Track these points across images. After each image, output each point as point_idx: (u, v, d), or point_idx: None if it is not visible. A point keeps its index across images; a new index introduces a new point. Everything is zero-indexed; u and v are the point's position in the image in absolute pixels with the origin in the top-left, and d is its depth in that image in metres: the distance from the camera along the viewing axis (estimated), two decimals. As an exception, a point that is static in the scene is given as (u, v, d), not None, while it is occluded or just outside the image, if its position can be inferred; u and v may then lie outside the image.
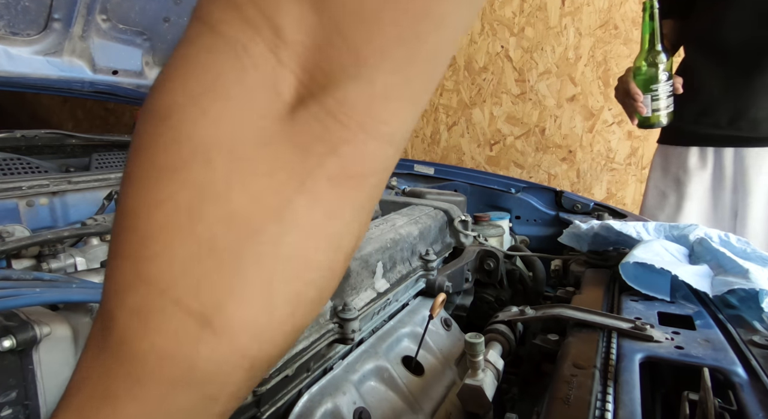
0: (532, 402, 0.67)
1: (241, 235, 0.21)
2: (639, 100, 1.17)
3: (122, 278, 0.22)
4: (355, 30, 0.20)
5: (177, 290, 0.21)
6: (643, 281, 0.72)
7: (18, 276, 0.53)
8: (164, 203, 0.21)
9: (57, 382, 0.55)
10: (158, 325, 0.21)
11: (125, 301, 0.21)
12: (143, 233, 0.21)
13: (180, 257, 0.21)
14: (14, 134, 1.20)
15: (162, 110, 0.21)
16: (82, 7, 1.09)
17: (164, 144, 0.21)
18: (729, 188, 1.23)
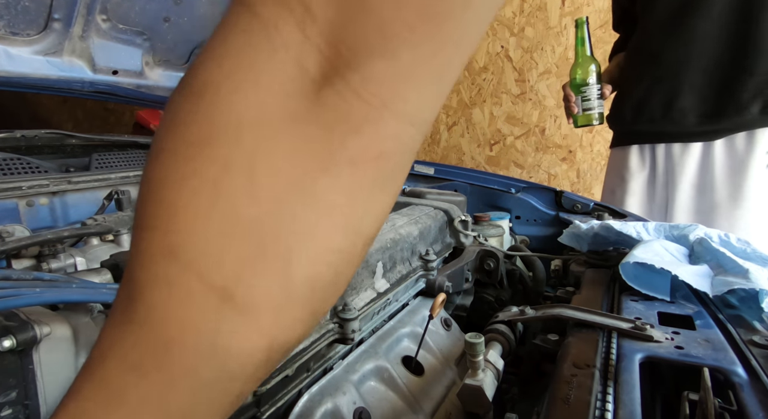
0: (532, 402, 0.67)
1: (262, 210, 0.21)
2: (572, 100, 1.41)
3: (149, 249, 0.22)
4: (382, 5, 0.20)
5: (200, 264, 0.21)
6: (643, 281, 0.72)
7: (18, 276, 0.53)
8: (192, 176, 0.21)
9: (57, 382, 0.55)
10: (183, 297, 0.21)
11: (152, 271, 0.22)
12: (170, 206, 0.22)
13: (204, 230, 0.21)
14: (14, 134, 1.20)
15: (197, 87, 0.22)
16: (82, 7, 1.09)
17: (197, 119, 0.22)
18: (661, 183, 1.42)
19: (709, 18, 1.22)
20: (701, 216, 1.35)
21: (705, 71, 1.26)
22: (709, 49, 1.25)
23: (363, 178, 0.23)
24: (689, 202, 1.37)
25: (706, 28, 1.23)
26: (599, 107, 1.40)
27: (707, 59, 1.25)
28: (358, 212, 0.23)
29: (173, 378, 0.22)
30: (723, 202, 1.30)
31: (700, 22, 1.24)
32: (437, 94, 0.23)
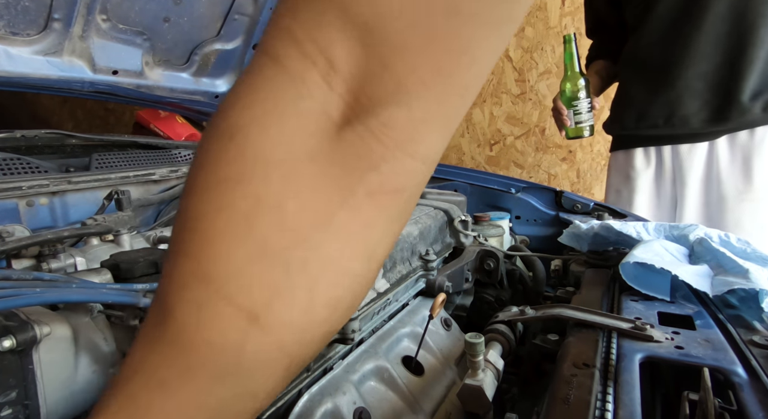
0: (532, 402, 0.67)
1: (290, 241, 0.24)
2: (564, 114, 1.45)
3: (182, 275, 0.24)
4: (399, 63, 0.23)
5: (231, 289, 0.23)
6: (643, 281, 0.72)
7: (18, 276, 0.53)
8: (225, 209, 0.24)
9: (57, 382, 0.55)
10: (212, 319, 0.23)
11: (184, 294, 0.24)
12: (204, 236, 0.24)
13: (236, 259, 0.24)
14: (14, 134, 1.20)
15: (228, 129, 0.25)
16: (82, 7, 1.09)
17: (228, 159, 0.24)
18: (669, 180, 1.44)
19: (706, 26, 1.24)
20: (710, 210, 1.38)
21: (704, 77, 1.28)
22: (706, 56, 1.26)
23: (380, 210, 0.26)
24: (698, 197, 1.39)
25: (702, 36, 1.25)
26: (590, 120, 1.46)
27: (705, 65, 1.27)
28: (375, 239, 0.26)
29: (198, 395, 0.24)
30: (730, 195, 1.33)
31: (696, 30, 1.26)
32: (445, 136, 0.26)
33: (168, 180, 1.26)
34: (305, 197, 0.24)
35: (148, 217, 1.21)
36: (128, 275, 0.67)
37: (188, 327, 0.24)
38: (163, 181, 1.25)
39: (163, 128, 2.55)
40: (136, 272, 0.67)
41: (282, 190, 0.24)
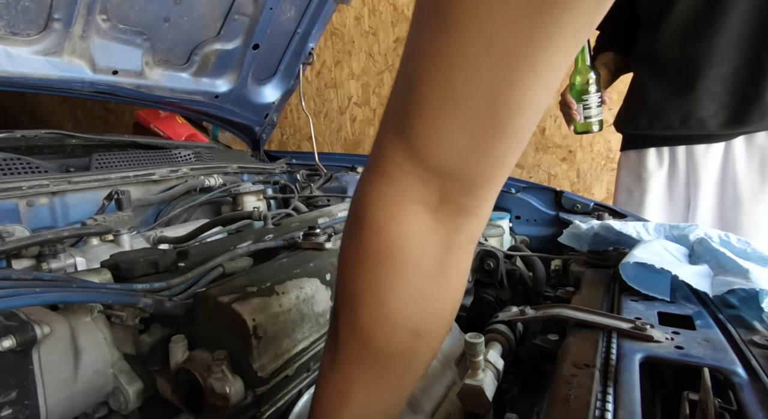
0: (532, 402, 0.67)
1: (427, 287, 0.41)
2: (573, 108, 1.41)
3: (365, 314, 0.41)
4: (484, 172, 0.38)
5: (401, 320, 0.40)
6: (643, 281, 0.72)
7: (18, 276, 0.53)
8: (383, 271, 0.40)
9: (57, 382, 0.55)
10: (392, 338, 0.41)
11: (372, 327, 0.41)
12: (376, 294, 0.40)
13: (400, 303, 0.40)
14: (14, 134, 1.20)
15: (364, 223, 0.40)
16: (82, 7, 1.09)
17: (363, 247, 0.40)
18: (682, 181, 1.42)
19: (728, 27, 1.21)
20: (724, 211, 1.35)
21: (724, 79, 1.24)
22: (727, 57, 1.23)
23: (468, 253, 0.43)
24: (712, 198, 1.37)
25: (724, 37, 1.22)
26: (599, 115, 1.42)
27: (726, 66, 1.23)
28: (465, 271, 0.43)
29: (386, 387, 0.44)
30: (746, 196, 1.31)
31: (718, 31, 1.22)
32: (495, 197, 0.41)
33: (168, 180, 1.26)
34: (424, 259, 0.40)
35: (148, 217, 1.21)
36: (128, 275, 0.67)
37: (377, 344, 0.41)
38: (163, 181, 1.25)
39: (163, 128, 2.55)
40: (136, 272, 0.67)
41: (403, 264, 0.40)
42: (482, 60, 0.31)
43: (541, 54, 0.31)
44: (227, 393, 0.55)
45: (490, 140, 0.35)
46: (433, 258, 0.40)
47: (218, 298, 0.59)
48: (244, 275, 0.70)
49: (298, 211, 1.28)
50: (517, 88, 0.32)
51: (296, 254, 0.81)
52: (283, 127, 3.25)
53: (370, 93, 2.94)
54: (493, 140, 0.35)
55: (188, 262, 0.73)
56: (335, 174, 1.72)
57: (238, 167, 1.52)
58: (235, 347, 0.57)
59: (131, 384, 0.62)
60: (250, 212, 1.05)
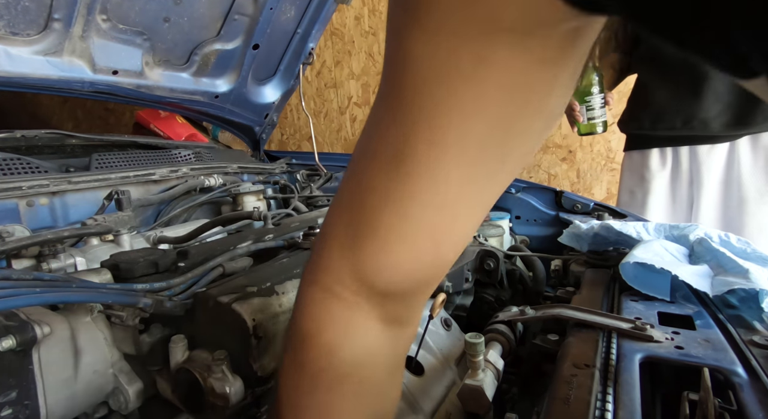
0: (532, 402, 0.67)
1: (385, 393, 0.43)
2: (576, 110, 1.42)
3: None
4: (420, 296, 0.42)
5: None
6: (643, 281, 0.72)
7: (18, 276, 0.53)
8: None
9: (57, 382, 0.55)
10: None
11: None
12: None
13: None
14: (14, 134, 1.20)
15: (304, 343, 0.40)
16: (82, 7, 1.09)
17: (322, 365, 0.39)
18: (686, 181, 1.43)
19: None
20: (729, 212, 1.35)
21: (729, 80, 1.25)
22: None
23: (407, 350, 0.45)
24: (716, 200, 1.37)
25: None
26: (603, 116, 1.41)
27: None
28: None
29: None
30: (751, 197, 1.30)
31: None
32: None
33: (168, 180, 1.26)
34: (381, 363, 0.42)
35: (148, 217, 1.21)
36: (128, 275, 0.67)
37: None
38: (163, 181, 1.25)
39: (163, 128, 2.55)
40: (136, 272, 0.67)
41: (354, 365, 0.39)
42: (431, 202, 0.34)
43: (485, 197, 0.37)
44: (227, 393, 0.55)
45: (436, 267, 0.39)
46: (386, 370, 0.41)
47: (218, 298, 0.59)
48: (244, 275, 0.70)
49: (298, 211, 1.28)
50: (459, 226, 0.37)
51: (296, 254, 0.81)
52: (283, 127, 3.25)
53: (370, 93, 2.94)
54: (440, 268, 0.39)
55: (188, 262, 0.73)
56: (335, 174, 1.72)
57: (238, 167, 1.51)
58: (235, 347, 0.57)
59: (131, 384, 0.62)
60: (250, 212, 1.05)
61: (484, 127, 0.32)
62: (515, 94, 0.31)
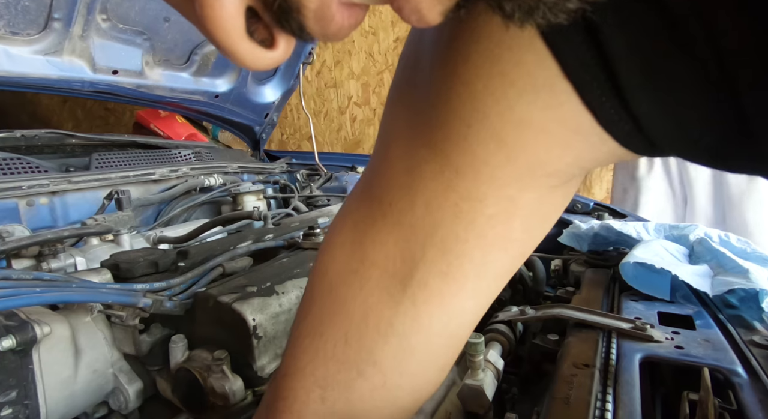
0: (532, 402, 0.67)
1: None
2: None
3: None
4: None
5: None
6: (643, 281, 0.72)
7: (18, 276, 0.53)
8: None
9: (57, 382, 0.55)
10: None
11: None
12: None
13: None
14: (14, 134, 1.20)
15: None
16: (82, 7, 1.09)
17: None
18: (677, 179, 1.49)
19: None
20: (717, 210, 1.41)
21: None
22: None
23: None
24: (706, 197, 1.43)
25: None
26: None
27: None
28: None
29: None
30: (734, 195, 1.35)
31: None
32: None
33: (168, 180, 1.26)
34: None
35: (148, 217, 1.21)
36: (128, 275, 0.67)
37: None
38: (163, 181, 1.25)
39: (163, 128, 2.55)
40: (136, 272, 0.67)
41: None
42: (441, 333, 0.34)
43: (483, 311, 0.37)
44: (227, 393, 0.55)
45: (427, 397, 0.38)
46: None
47: (218, 298, 0.59)
48: (244, 275, 0.70)
49: (298, 211, 1.28)
50: (460, 345, 0.37)
51: (296, 254, 0.81)
52: (283, 127, 3.25)
53: (370, 93, 2.93)
54: (428, 396, 0.39)
55: (188, 262, 0.73)
56: (335, 174, 1.72)
57: (238, 166, 1.51)
58: (235, 347, 0.57)
59: (131, 383, 0.62)
60: (250, 212, 1.05)
61: (504, 260, 0.31)
62: (538, 230, 0.31)
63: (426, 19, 0.18)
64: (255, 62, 0.18)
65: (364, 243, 0.33)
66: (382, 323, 0.32)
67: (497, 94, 0.25)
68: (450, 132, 0.28)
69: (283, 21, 0.17)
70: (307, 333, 0.34)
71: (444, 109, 0.28)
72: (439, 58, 0.27)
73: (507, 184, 0.28)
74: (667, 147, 0.25)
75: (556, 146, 0.26)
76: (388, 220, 0.32)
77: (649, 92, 0.23)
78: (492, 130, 0.26)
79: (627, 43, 0.22)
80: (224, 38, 0.17)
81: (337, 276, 0.34)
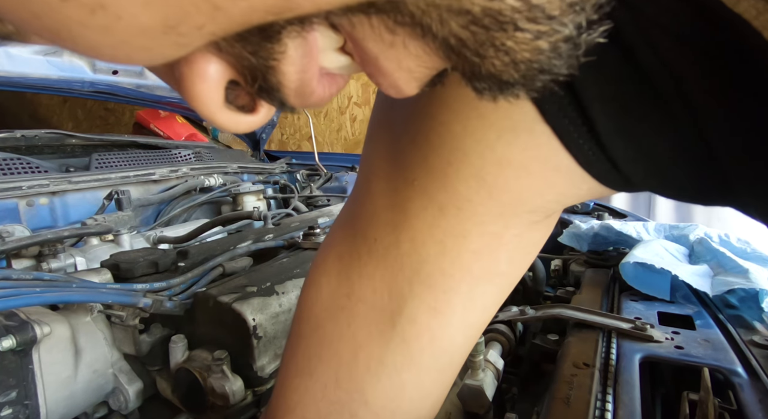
0: (532, 402, 0.67)
1: None
2: None
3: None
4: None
5: None
6: (643, 281, 0.72)
7: (18, 276, 0.53)
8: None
9: (57, 382, 0.55)
10: None
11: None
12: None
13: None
14: (14, 134, 1.20)
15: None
16: (82, 7, 1.09)
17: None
18: None
19: None
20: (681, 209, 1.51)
21: None
22: None
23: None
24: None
25: None
26: None
27: None
28: None
29: None
30: None
31: None
32: None
33: (168, 180, 1.26)
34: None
35: (148, 217, 1.21)
36: (128, 275, 0.67)
37: None
38: (163, 181, 1.25)
39: (163, 128, 2.55)
40: (136, 272, 0.67)
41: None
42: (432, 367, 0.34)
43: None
44: (227, 393, 0.55)
45: None
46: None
47: (218, 298, 0.59)
48: (244, 275, 0.70)
49: (298, 211, 1.28)
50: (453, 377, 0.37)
51: (296, 254, 0.81)
52: (283, 127, 3.25)
53: (370, 93, 2.94)
54: None
55: (188, 262, 0.73)
56: (335, 174, 1.72)
57: (238, 167, 1.51)
58: (235, 347, 0.57)
59: (131, 383, 0.62)
60: (250, 212, 1.05)
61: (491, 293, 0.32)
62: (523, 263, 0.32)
63: (403, 92, 0.18)
64: (235, 127, 0.19)
65: (351, 277, 0.33)
66: (372, 361, 0.32)
67: (477, 136, 0.26)
68: (432, 169, 0.28)
69: (265, 96, 0.18)
70: (296, 373, 0.34)
71: (425, 146, 0.28)
72: (416, 101, 0.28)
73: (490, 221, 0.29)
74: (643, 185, 0.27)
75: (538, 184, 0.27)
76: (374, 255, 0.32)
77: (624, 137, 0.24)
78: (473, 168, 0.27)
79: (601, 91, 0.23)
80: (204, 110, 0.17)
81: (324, 312, 0.34)
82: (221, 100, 0.17)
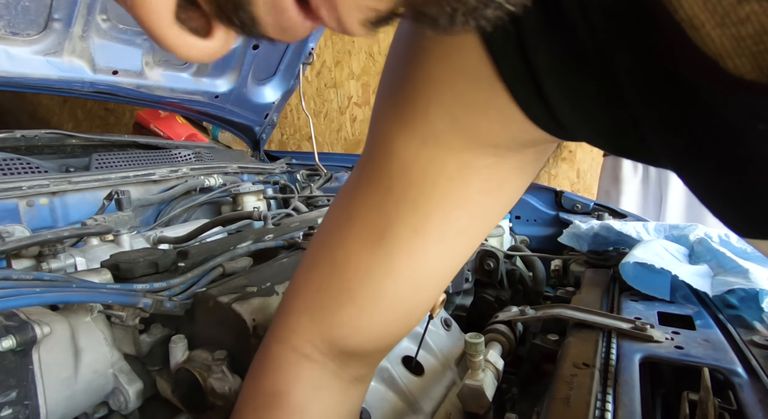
0: (532, 402, 0.67)
1: None
2: None
3: None
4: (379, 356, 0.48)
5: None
6: (643, 281, 0.72)
7: (18, 276, 0.53)
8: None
9: (57, 382, 0.55)
10: None
11: None
12: None
13: None
14: (14, 134, 1.20)
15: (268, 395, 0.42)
16: (82, 7, 1.09)
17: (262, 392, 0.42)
18: (654, 181, 1.61)
19: None
20: (692, 210, 1.50)
21: None
22: None
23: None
24: (681, 197, 1.53)
25: None
26: None
27: None
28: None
29: None
30: None
31: None
32: None
33: (168, 180, 1.26)
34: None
35: (148, 217, 1.21)
36: (128, 275, 0.67)
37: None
38: (163, 181, 1.25)
39: (163, 128, 2.55)
40: (136, 272, 0.67)
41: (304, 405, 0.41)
42: (410, 279, 0.39)
43: (455, 270, 0.42)
44: (227, 393, 0.55)
45: (405, 331, 0.44)
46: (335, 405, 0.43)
47: (218, 298, 0.59)
48: (244, 275, 0.70)
49: (298, 211, 1.28)
50: (431, 296, 0.42)
51: (296, 254, 0.81)
52: (283, 127, 3.25)
53: (370, 93, 2.94)
54: (408, 332, 0.44)
55: (188, 262, 0.73)
56: (335, 174, 1.72)
57: (238, 167, 1.51)
58: (235, 347, 0.57)
59: (131, 384, 0.62)
60: (250, 212, 1.05)
61: (464, 218, 0.37)
62: (494, 193, 0.37)
63: (344, 24, 0.18)
64: (186, 51, 0.18)
65: (351, 204, 0.40)
66: (360, 266, 0.39)
67: (451, 83, 0.33)
68: (416, 108, 0.34)
69: (230, 13, 0.17)
70: (306, 266, 0.43)
71: (411, 90, 0.34)
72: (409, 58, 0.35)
73: (462, 150, 0.35)
74: (581, 137, 0.33)
75: (496, 126, 0.33)
76: (372, 183, 0.39)
77: (565, 98, 0.29)
78: (447, 107, 0.33)
79: (548, 60, 0.28)
80: (151, 22, 0.16)
81: (331, 225, 0.42)
82: (171, 13, 0.16)
